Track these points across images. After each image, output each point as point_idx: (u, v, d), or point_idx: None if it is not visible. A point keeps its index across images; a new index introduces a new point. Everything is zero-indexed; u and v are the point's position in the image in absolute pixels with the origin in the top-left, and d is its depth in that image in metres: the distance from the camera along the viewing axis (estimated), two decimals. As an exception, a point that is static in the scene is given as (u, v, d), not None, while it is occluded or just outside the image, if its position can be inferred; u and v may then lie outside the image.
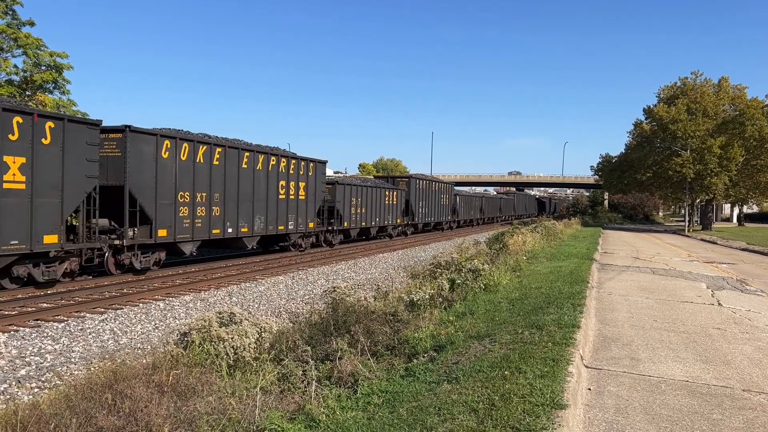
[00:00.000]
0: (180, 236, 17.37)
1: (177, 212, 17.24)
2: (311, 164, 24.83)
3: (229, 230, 19.49)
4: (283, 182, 22.65)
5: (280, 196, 22.46)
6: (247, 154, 20.29)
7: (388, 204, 35.22)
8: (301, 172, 23.93)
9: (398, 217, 37.27)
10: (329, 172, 42.17)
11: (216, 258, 21.82)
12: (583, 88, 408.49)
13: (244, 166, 20.10)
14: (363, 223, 31.61)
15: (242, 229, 20.22)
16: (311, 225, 25.04)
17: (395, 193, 36.52)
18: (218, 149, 18.92)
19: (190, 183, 17.68)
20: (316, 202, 25.35)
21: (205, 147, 18.38)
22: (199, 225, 18.16)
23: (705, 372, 6.67)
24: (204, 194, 18.25)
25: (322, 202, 26.18)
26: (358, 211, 30.91)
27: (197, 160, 17.96)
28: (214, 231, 18.84)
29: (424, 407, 4.91)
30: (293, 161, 23.37)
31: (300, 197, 23.89)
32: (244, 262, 20.80)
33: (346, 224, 29.40)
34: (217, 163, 18.79)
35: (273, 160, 21.97)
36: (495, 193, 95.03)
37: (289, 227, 23.28)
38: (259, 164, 20.99)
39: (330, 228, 27.94)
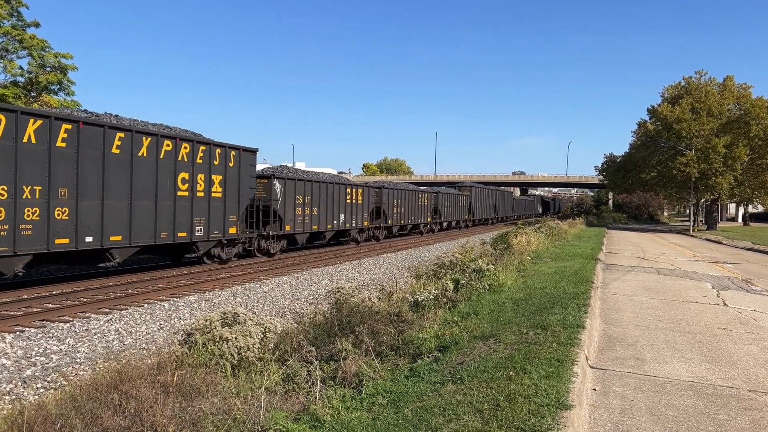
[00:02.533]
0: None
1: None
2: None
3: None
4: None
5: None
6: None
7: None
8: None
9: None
10: (330, 170, 41.30)
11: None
12: (587, 88, 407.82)
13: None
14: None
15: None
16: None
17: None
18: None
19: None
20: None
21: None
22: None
23: (711, 372, 6.65)
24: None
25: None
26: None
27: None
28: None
29: (429, 408, 4.91)
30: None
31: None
32: (248, 263, 20.83)
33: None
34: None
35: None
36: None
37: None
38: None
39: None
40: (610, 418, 5.10)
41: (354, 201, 29.69)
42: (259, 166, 27.98)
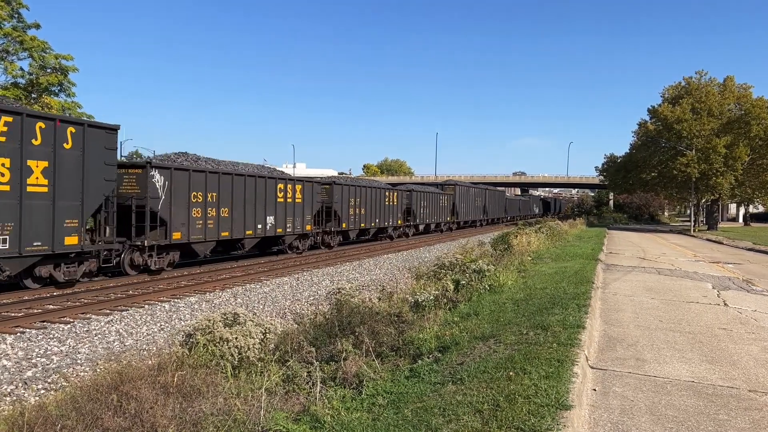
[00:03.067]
0: None
1: None
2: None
3: None
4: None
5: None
6: None
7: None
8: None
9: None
10: (331, 171, 39.83)
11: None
12: (588, 89, 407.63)
13: None
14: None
15: None
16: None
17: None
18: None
19: None
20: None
21: None
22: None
23: (711, 372, 6.65)
24: None
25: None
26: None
27: None
28: None
29: (429, 408, 4.91)
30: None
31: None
32: (249, 264, 20.84)
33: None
34: None
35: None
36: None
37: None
38: None
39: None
40: (610, 419, 5.10)
41: (291, 199, 23.49)
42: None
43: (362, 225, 30.76)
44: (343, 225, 28.63)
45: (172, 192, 17.35)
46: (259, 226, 21.51)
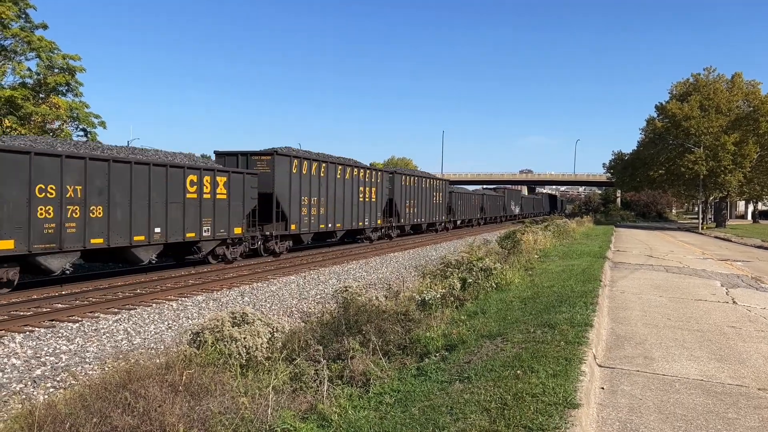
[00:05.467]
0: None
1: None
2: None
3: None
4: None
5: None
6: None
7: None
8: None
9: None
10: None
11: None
12: (595, 86, 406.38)
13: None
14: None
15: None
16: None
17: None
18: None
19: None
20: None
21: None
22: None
23: (720, 371, 6.61)
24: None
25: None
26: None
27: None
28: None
29: (436, 407, 4.91)
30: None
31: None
32: (255, 263, 20.88)
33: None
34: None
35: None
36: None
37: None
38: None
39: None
40: (618, 417, 5.08)
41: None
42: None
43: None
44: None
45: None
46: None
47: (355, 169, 27.98)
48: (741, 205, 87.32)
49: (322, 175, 24.74)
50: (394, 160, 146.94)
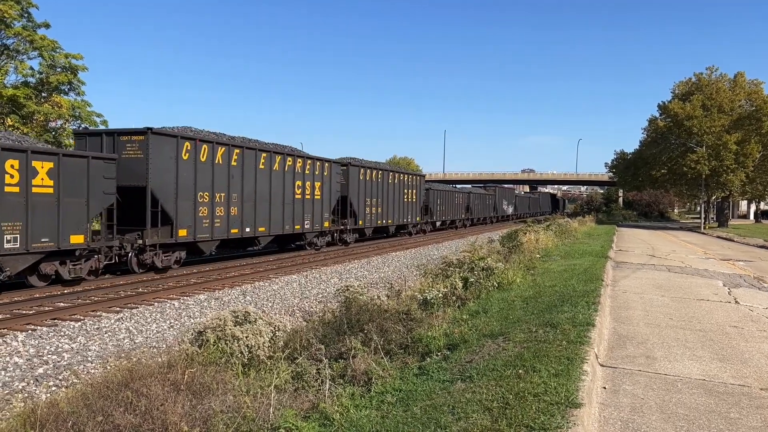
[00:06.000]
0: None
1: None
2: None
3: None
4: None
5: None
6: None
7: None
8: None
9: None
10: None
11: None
12: (597, 85, 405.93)
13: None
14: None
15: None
16: None
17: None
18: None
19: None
20: None
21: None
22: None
23: (722, 371, 6.60)
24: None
25: None
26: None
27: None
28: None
29: (438, 406, 4.91)
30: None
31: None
32: (258, 261, 20.89)
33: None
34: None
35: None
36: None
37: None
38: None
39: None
40: (620, 417, 5.07)
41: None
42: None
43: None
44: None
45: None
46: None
47: (290, 159, 22.12)
48: (743, 204, 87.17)
49: (233, 164, 18.82)
50: (396, 159, 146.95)
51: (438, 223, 42.13)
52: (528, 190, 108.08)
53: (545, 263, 15.94)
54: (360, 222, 28.48)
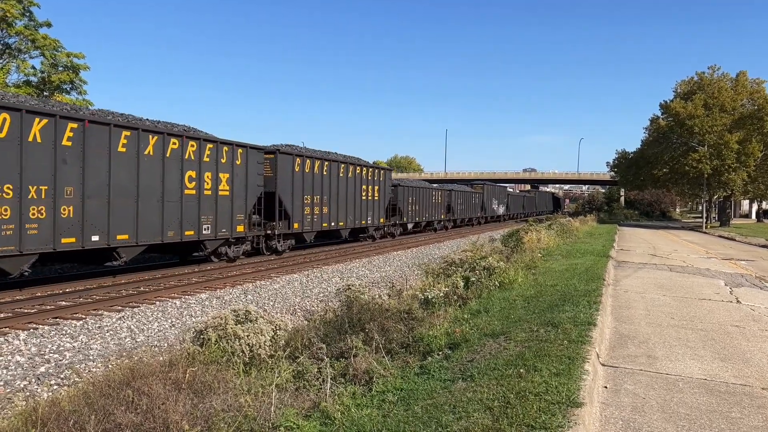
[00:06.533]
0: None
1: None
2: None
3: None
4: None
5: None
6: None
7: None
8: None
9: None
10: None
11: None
12: (599, 84, 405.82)
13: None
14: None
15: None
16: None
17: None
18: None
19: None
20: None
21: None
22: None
23: (723, 370, 6.60)
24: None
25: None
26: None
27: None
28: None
29: (439, 405, 4.91)
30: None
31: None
32: (258, 260, 20.90)
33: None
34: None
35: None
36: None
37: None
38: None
39: None
40: (621, 416, 5.07)
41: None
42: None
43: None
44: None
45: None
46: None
47: (192, 143, 16.76)
48: (745, 204, 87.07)
49: (96, 149, 13.72)
50: (397, 158, 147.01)
51: (410, 225, 36.59)
52: (528, 189, 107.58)
53: (547, 262, 15.93)
54: (295, 225, 22.62)
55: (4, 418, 5.65)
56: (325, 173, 24.96)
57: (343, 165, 26.62)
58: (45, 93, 30.20)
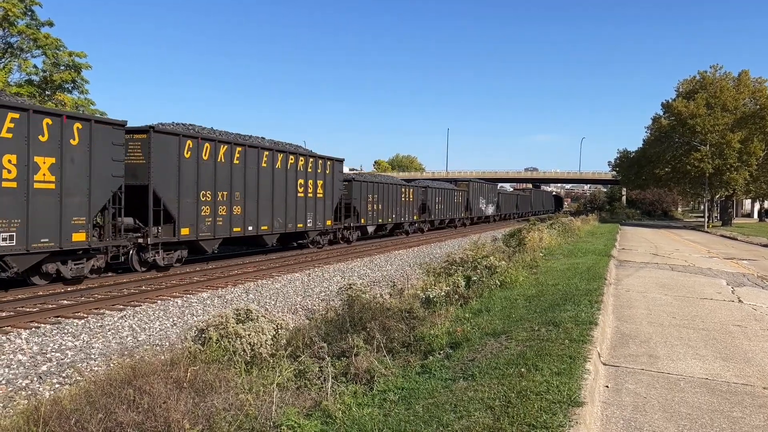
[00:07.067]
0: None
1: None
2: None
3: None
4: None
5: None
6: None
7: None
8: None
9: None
10: (345, 169, 29.55)
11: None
12: (601, 83, 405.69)
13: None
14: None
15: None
16: None
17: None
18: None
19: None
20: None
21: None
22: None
23: (725, 369, 6.59)
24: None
25: None
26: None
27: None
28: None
29: (440, 404, 4.91)
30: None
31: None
32: (260, 260, 20.91)
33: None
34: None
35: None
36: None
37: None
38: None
39: None
40: (622, 415, 5.07)
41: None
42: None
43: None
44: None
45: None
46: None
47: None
48: (747, 203, 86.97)
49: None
50: (399, 157, 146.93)
51: (371, 229, 30.17)
52: (522, 188, 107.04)
53: (548, 262, 15.92)
54: (184, 230, 16.87)
55: (6, 417, 5.66)
56: (236, 162, 18.92)
57: (266, 152, 20.43)
58: (47, 92, 30.24)
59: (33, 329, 10.32)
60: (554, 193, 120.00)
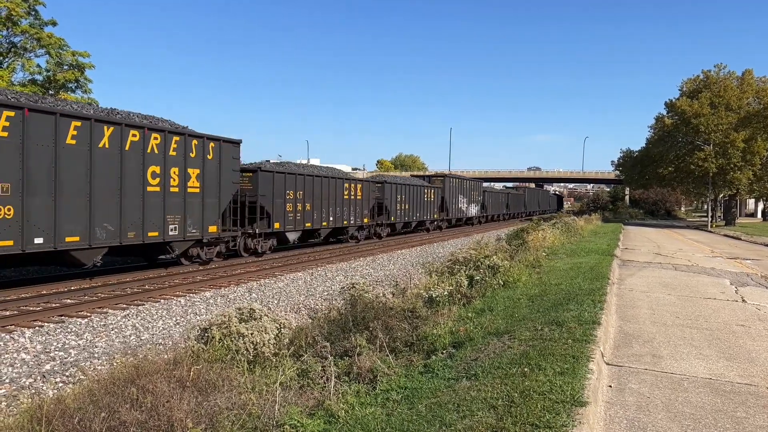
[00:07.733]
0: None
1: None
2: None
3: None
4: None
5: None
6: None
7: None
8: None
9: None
10: (343, 167, 29.15)
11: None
12: (604, 83, 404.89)
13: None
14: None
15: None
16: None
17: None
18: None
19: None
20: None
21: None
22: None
23: (729, 369, 6.57)
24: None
25: None
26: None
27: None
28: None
29: (443, 403, 4.91)
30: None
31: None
32: (262, 260, 20.92)
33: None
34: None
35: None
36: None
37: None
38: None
39: None
40: (626, 415, 5.06)
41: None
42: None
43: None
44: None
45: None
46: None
47: None
48: (751, 203, 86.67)
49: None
50: (402, 157, 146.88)
51: (293, 236, 22.91)
52: (516, 187, 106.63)
53: (551, 261, 15.90)
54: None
55: (10, 416, 5.67)
56: (90, 147, 13.30)
57: (75, 122, 12.88)
58: (50, 91, 30.30)
59: (37, 328, 10.35)
60: (556, 192, 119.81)
